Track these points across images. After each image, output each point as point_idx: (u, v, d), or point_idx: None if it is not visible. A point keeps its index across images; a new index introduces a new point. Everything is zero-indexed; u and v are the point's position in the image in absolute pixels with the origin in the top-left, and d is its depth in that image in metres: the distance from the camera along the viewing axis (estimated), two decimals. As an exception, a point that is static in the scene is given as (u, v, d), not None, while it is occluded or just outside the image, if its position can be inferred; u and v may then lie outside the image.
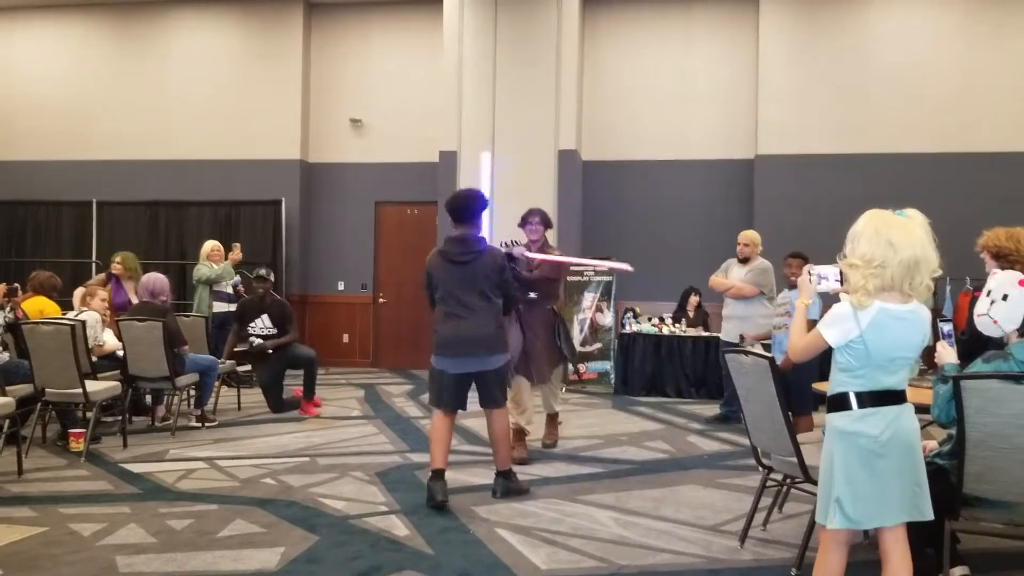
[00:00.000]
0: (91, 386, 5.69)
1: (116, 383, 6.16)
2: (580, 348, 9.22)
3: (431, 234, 9.91)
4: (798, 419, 4.03)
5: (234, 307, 8.58)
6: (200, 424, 6.74)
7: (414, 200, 10.86)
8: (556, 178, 9.63)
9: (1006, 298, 2.98)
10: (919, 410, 2.73)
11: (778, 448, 3.67)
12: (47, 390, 5.65)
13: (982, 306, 3.05)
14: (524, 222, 5.89)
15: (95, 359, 6.16)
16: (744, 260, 7.09)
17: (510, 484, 4.73)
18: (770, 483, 4.01)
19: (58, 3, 11.57)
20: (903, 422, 2.58)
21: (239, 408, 7.59)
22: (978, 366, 3.07)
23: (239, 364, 7.74)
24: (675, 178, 10.43)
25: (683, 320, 9.20)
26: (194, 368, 6.62)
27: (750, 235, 7.20)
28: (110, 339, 6.65)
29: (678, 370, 8.82)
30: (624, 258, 9.62)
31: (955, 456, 3.06)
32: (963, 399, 2.95)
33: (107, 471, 5.27)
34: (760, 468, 3.99)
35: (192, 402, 7.13)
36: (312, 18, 11.37)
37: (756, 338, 6.37)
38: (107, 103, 11.51)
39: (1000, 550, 3.76)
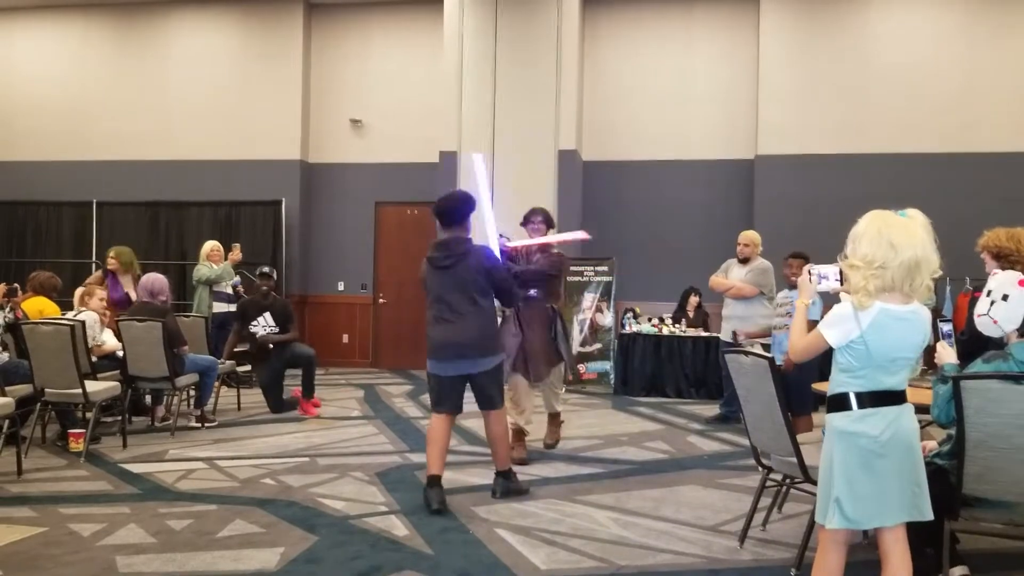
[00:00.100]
0: (91, 386, 5.69)
1: (116, 383, 6.15)
2: (580, 348, 9.23)
3: (431, 235, 9.77)
4: (797, 419, 4.01)
5: (234, 307, 8.58)
6: (200, 424, 6.74)
7: (414, 200, 10.86)
8: (556, 178, 9.63)
9: (1006, 298, 2.98)
10: (919, 410, 2.73)
11: (778, 448, 3.67)
12: (47, 390, 5.65)
13: (982, 306, 3.05)
14: (526, 221, 5.89)
15: (95, 359, 6.16)
16: (744, 260, 7.09)
17: (510, 484, 4.73)
18: (770, 483, 4.01)
19: (58, 3, 11.58)
20: (903, 422, 2.58)
21: (239, 408, 7.59)
22: (978, 366, 3.07)
23: (239, 364, 7.74)
24: (675, 178, 10.43)
25: (683, 320, 9.20)
26: (194, 368, 6.62)
27: (750, 235, 7.20)
28: (110, 339, 6.64)
29: (678, 370, 8.82)
30: (624, 258, 9.78)
31: (955, 456, 3.06)
32: (963, 399, 2.95)
33: (107, 471, 5.26)
34: (760, 468, 4.00)
35: (192, 402, 7.13)
36: (312, 18, 11.37)
37: (750, 335, 6.36)
38: (107, 103, 11.51)
39: (1000, 550, 3.76)
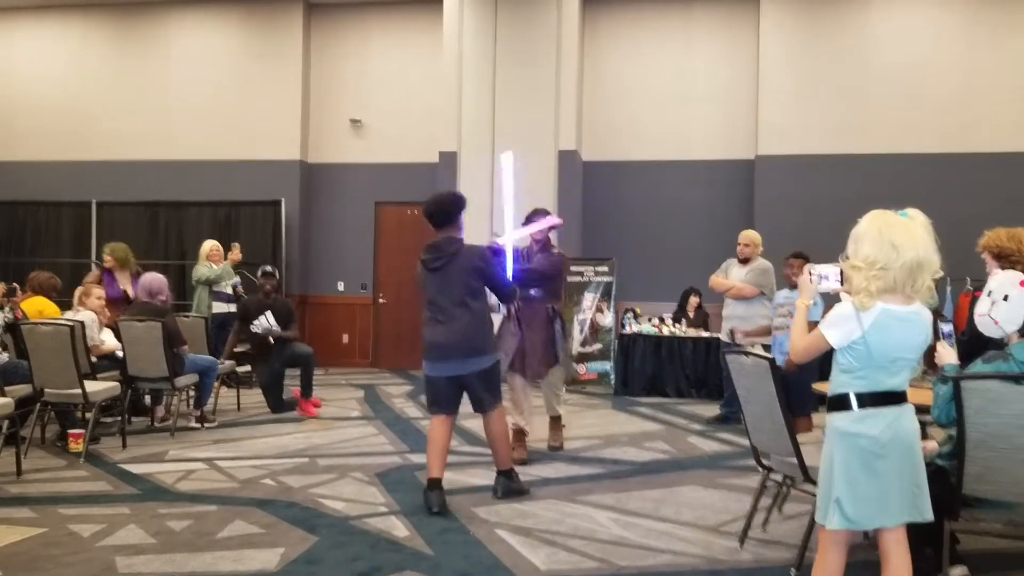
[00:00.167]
0: (90, 386, 5.69)
1: (115, 383, 6.15)
2: (580, 349, 9.23)
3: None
4: (797, 419, 4.02)
5: (233, 307, 8.57)
6: (199, 425, 6.74)
7: (414, 200, 10.79)
8: (556, 178, 9.63)
9: (1007, 298, 2.98)
10: (919, 411, 2.73)
11: (778, 449, 3.66)
12: (46, 390, 5.64)
13: (983, 306, 3.05)
14: (528, 222, 5.89)
15: (94, 359, 6.16)
16: (744, 260, 7.09)
17: (511, 484, 4.72)
18: (770, 484, 4.01)
19: (58, 3, 11.57)
20: (903, 423, 2.58)
21: (239, 409, 7.59)
22: (978, 366, 3.07)
23: (239, 365, 7.73)
24: (675, 178, 10.43)
25: (683, 321, 9.19)
26: (193, 368, 6.62)
27: (750, 235, 7.20)
28: (109, 339, 6.64)
29: (678, 371, 8.82)
30: (625, 258, 9.77)
31: (955, 456, 3.06)
32: (963, 399, 2.95)
33: (106, 472, 5.26)
34: (760, 469, 3.99)
35: (191, 403, 7.13)
36: (312, 18, 11.37)
37: (748, 334, 6.33)
38: (107, 103, 11.51)
39: (999, 550, 3.75)
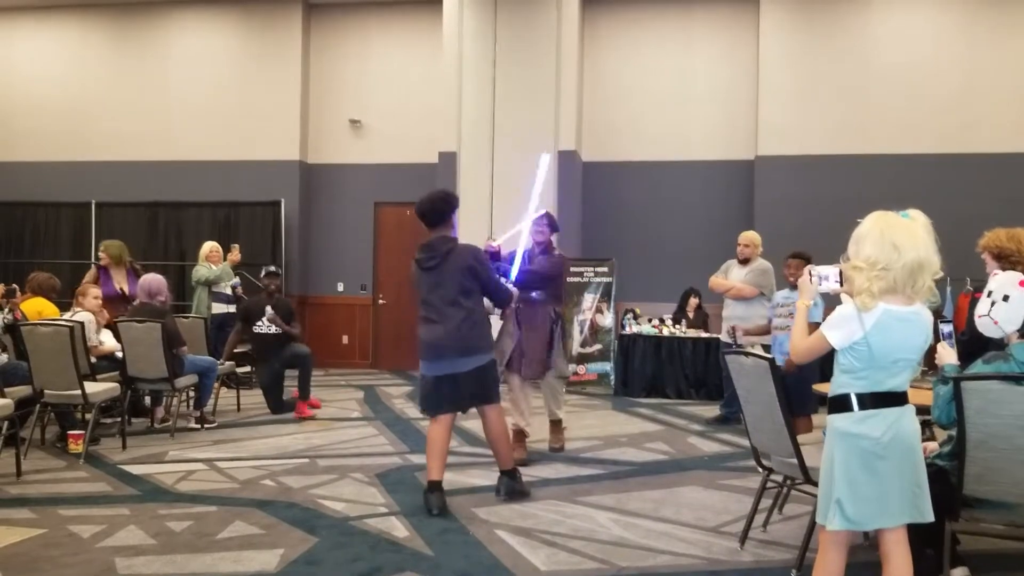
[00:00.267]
0: (90, 387, 5.69)
1: (115, 384, 6.15)
2: (580, 349, 9.22)
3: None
4: (797, 420, 4.01)
5: (233, 308, 8.56)
6: (199, 425, 6.73)
7: (414, 201, 10.71)
8: (556, 179, 9.62)
9: (1007, 299, 2.98)
10: (919, 411, 2.73)
11: (778, 449, 3.66)
12: (46, 391, 5.64)
13: (983, 307, 3.05)
14: (534, 224, 5.90)
15: (94, 360, 6.15)
16: (744, 261, 7.09)
17: (514, 484, 4.70)
18: (770, 484, 4.00)
19: (57, 4, 11.57)
20: (904, 424, 2.58)
21: (238, 409, 7.59)
22: (978, 367, 3.07)
23: (238, 365, 7.72)
24: (675, 179, 10.42)
25: (683, 321, 9.19)
26: (193, 369, 6.62)
27: (750, 236, 7.20)
28: (109, 339, 6.64)
29: (678, 371, 8.81)
30: (624, 259, 9.77)
31: (955, 457, 3.06)
32: (963, 400, 2.95)
33: (106, 473, 5.26)
34: (760, 469, 3.99)
35: (191, 403, 7.13)
36: (311, 18, 11.37)
37: (747, 332, 6.31)
38: (106, 103, 11.50)
39: (1000, 551, 3.75)
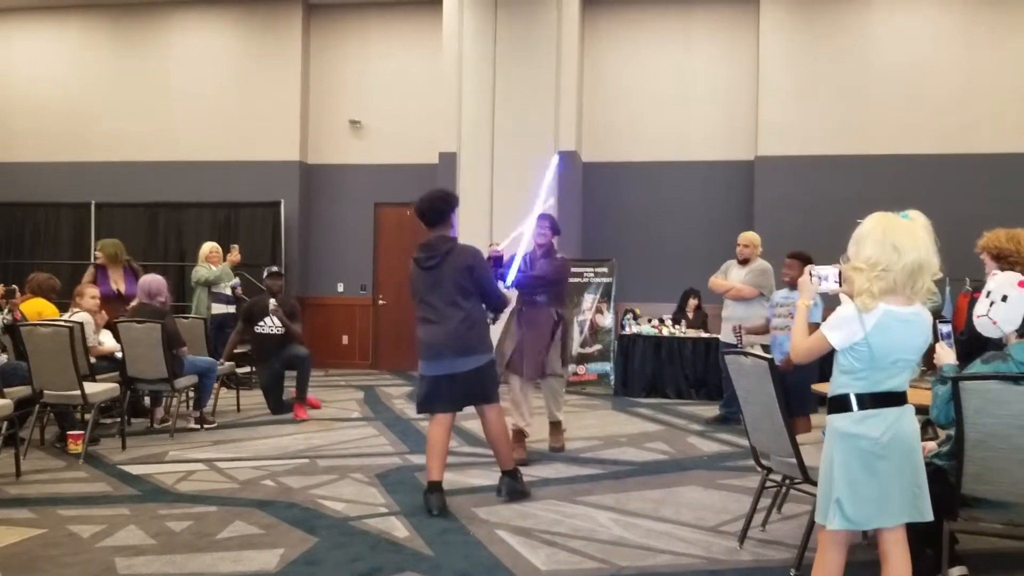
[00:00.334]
0: (89, 388, 5.69)
1: (115, 385, 6.15)
2: (580, 349, 9.23)
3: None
4: (796, 420, 4.01)
5: (232, 308, 8.56)
6: (199, 426, 6.73)
7: (413, 201, 10.80)
8: (556, 179, 9.60)
9: (1006, 299, 2.98)
10: (918, 411, 2.73)
11: (777, 449, 3.67)
12: (45, 392, 5.64)
13: (981, 307, 3.05)
14: (535, 226, 5.92)
15: (93, 360, 6.16)
16: (744, 261, 7.09)
17: (515, 484, 4.69)
18: (769, 484, 4.01)
19: (57, 4, 11.57)
20: (904, 424, 2.58)
21: (238, 410, 7.59)
22: (977, 367, 3.07)
23: (238, 366, 7.72)
24: (675, 179, 10.42)
25: (683, 322, 9.20)
26: (193, 370, 6.62)
27: (750, 236, 7.20)
28: (108, 340, 6.64)
29: (678, 371, 8.81)
30: (624, 259, 9.77)
31: (954, 457, 3.06)
32: (962, 400, 2.95)
33: (106, 473, 5.26)
34: (759, 469, 4.00)
35: (191, 404, 7.13)
36: (311, 19, 11.37)
37: (750, 330, 6.29)
38: (106, 104, 11.50)
39: (999, 550, 3.76)
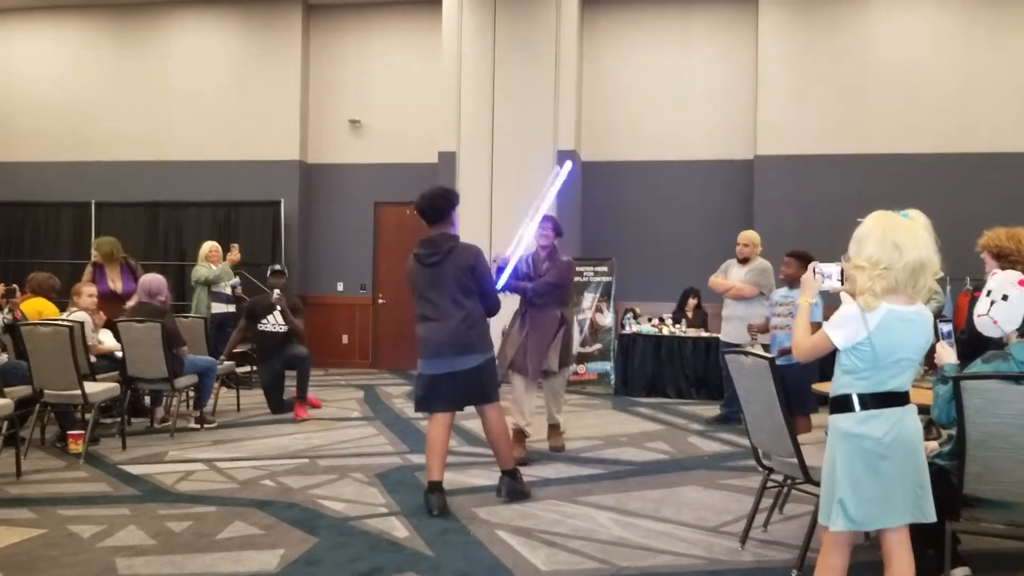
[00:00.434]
0: (90, 387, 5.69)
1: (115, 384, 6.15)
2: (580, 349, 9.22)
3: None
4: (796, 419, 4.01)
5: (232, 308, 8.55)
6: (199, 425, 6.73)
7: (413, 201, 10.77)
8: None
9: (1006, 298, 2.98)
10: (919, 411, 2.72)
11: (778, 449, 3.66)
12: (46, 391, 5.64)
13: (982, 306, 3.05)
14: (538, 227, 5.92)
15: (93, 359, 6.15)
16: (743, 260, 7.09)
17: (516, 484, 4.69)
18: (771, 484, 4.00)
19: (57, 4, 11.56)
20: (906, 424, 2.57)
21: (238, 409, 7.58)
22: (978, 366, 3.07)
23: (238, 365, 7.72)
24: (674, 179, 10.42)
25: (683, 321, 9.20)
26: (193, 369, 6.61)
27: (749, 235, 7.20)
28: (108, 339, 6.64)
29: (678, 371, 8.81)
30: (624, 259, 9.78)
31: (955, 456, 3.06)
32: (963, 399, 2.95)
33: (106, 473, 5.26)
34: (760, 469, 3.99)
35: (191, 403, 7.12)
36: (311, 19, 11.36)
37: (759, 328, 6.26)
38: (106, 103, 11.50)
39: (1001, 551, 3.75)
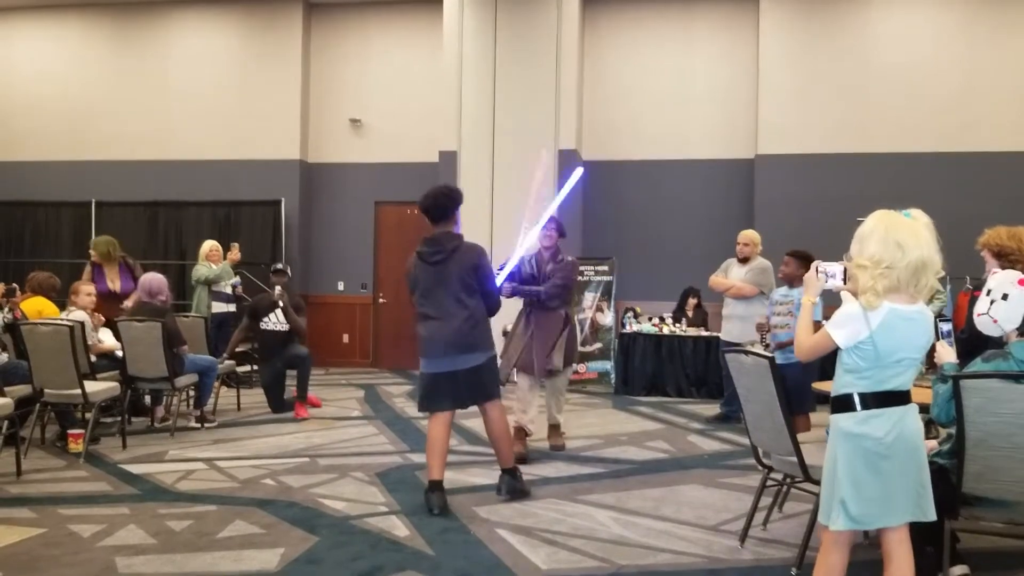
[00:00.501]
0: (90, 387, 5.69)
1: (115, 384, 6.15)
2: (581, 348, 9.21)
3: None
4: (795, 419, 4.01)
5: (233, 307, 8.55)
6: (199, 425, 6.74)
7: (414, 200, 10.64)
8: (556, 178, 9.61)
9: (1006, 297, 2.98)
10: (919, 410, 2.72)
11: (778, 448, 3.67)
12: (46, 391, 5.64)
13: (982, 305, 3.05)
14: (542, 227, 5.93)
15: (93, 358, 6.16)
16: (744, 260, 7.09)
17: (515, 483, 4.68)
18: (770, 483, 4.01)
19: (57, 3, 11.56)
20: (907, 423, 2.57)
21: (238, 408, 7.59)
22: (978, 365, 3.07)
23: (239, 364, 7.72)
24: (675, 178, 10.42)
25: (683, 320, 9.20)
26: (193, 368, 6.62)
27: (750, 235, 7.20)
28: (108, 338, 6.64)
29: (678, 370, 8.81)
30: (624, 258, 9.79)
31: (955, 455, 3.06)
32: (963, 398, 2.95)
33: (106, 472, 5.26)
34: (760, 468, 4.00)
35: (191, 403, 7.13)
36: (312, 18, 11.36)
37: (766, 328, 6.23)
38: (107, 103, 11.49)
39: (1000, 549, 3.75)
